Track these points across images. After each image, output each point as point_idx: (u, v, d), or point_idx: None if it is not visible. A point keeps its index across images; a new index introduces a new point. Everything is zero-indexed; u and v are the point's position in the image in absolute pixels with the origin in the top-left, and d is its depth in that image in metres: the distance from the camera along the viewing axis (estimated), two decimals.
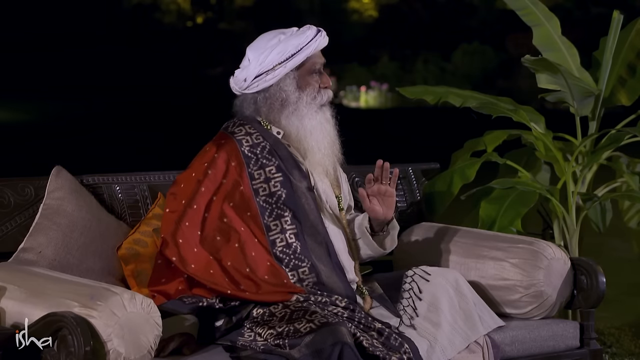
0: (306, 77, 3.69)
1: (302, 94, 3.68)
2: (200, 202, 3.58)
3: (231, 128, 3.73)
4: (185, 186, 3.61)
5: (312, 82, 3.69)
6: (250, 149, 3.67)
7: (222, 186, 3.61)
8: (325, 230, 3.66)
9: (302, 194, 3.66)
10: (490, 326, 3.67)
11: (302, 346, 3.23)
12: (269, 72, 3.65)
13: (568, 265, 3.91)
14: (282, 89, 3.68)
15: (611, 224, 5.07)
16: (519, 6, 4.96)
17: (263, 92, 3.69)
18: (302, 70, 3.68)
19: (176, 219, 3.56)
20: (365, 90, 23.17)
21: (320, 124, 3.68)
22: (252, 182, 3.64)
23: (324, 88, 3.71)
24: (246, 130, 3.70)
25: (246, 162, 3.65)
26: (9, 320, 3.27)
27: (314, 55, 3.69)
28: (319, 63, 3.71)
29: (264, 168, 3.66)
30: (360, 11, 27.74)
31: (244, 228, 3.57)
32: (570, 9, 24.35)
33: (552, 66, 4.63)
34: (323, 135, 3.69)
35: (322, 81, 3.70)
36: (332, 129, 3.72)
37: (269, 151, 3.68)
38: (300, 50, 3.65)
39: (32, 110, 21.01)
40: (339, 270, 3.62)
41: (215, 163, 3.63)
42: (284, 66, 3.65)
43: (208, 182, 3.61)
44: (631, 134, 4.70)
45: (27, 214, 3.69)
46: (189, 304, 3.44)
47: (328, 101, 3.72)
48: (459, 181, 4.56)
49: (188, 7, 28.36)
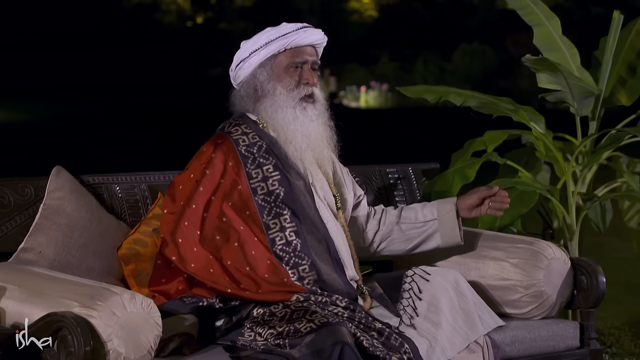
0: (283, 69, 3.68)
1: (278, 84, 3.68)
2: (199, 202, 3.58)
3: (227, 128, 3.73)
4: (184, 187, 3.61)
5: (289, 75, 3.68)
6: (247, 148, 3.67)
7: (221, 186, 3.62)
8: (325, 227, 3.66)
9: (300, 192, 3.66)
10: (490, 326, 3.68)
11: (302, 346, 3.23)
12: (245, 60, 3.69)
13: (568, 265, 3.91)
14: (256, 77, 3.69)
15: (611, 224, 5.07)
16: (520, 5, 4.96)
17: (245, 83, 3.72)
18: (278, 61, 3.68)
19: (175, 218, 3.56)
20: (365, 90, 23.17)
21: (296, 118, 3.66)
22: (250, 181, 3.64)
23: (305, 84, 3.69)
24: (242, 130, 3.71)
25: (243, 162, 3.65)
26: (9, 320, 3.27)
27: (296, 50, 3.68)
28: (301, 58, 3.68)
29: (261, 167, 3.66)
30: (360, 11, 27.74)
31: (243, 227, 3.57)
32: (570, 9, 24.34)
33: (552, 66, 4.63)
34: (299, 131, 3.66)
35: (303, 77, 3.69)
36: (317, 127, 3.69)
37: (265, 150, 3.68)
38: (275, 40, 3.66)
39: (33, 110, 21.00)
40: (338, 267, 3.62)
41: (212, 163, 3.64)
42: (258, 54, 3.67)
43: (206, 181, 3.61)
44: (631, 134, 4.70)
45: (27, 214, 3.69)
46: (189, 303, 3.44)
47: (310, 98, 3.68)
48: (459, 181, 4.56)
49: (188, 7, 28.36)
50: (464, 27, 25.92)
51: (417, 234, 3.90)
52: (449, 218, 3.86)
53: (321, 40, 3.74)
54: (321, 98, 3.73)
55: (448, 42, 24.99)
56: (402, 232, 3.90)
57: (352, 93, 23.23)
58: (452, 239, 3.88)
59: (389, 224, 3.91)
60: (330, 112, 3.77)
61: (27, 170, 4.43)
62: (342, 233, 3.74)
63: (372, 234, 3.92)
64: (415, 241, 3.91)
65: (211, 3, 28.40)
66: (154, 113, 20.43)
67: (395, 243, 3.92)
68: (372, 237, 3.93)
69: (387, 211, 3.95)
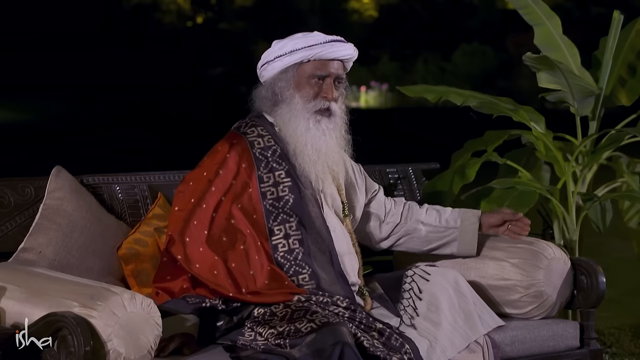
0: (304, 79, 3.67)
1: (297, 94, 3.66)
2: (209, 202, 3.57)
3: (243, 128, 3.72)
4: (195, 185, 3.61)
5: (309, 85, 3.66)
6: (262, 151, 3.66)
7: (232, 187, 3.61)
8: (330, 237, 3.65)
9: (309, 201, 3.65)
10: (490, 326, 3.68)
11: (302, 346, 3.23)
12: (269, 63, 3.68)
13: (568, 265, 3.91)
14: (277, 82, 3.68)
15: (611, 224, 5.07)
16: (521, 5, 4.96)
17: (267, 84, 3.71)
18: (301, 70, 3.67)
19: (185, 217, 3.55)
20: (365, 90, 23.20)
21: (308, 130, 3.64)
22: (260, 185, 3.63)
23: (323, 97, 3.67)
24: (258, 132, 3.69)
25: (256, 165, 3.64)
26: (9, 320, 3.27)
27: (321, 62, 3.66)
28: (324, 72, 3.66)
29: (273, 172, 3.65)
30: (360, 11, 27.73)
31: (249, 230, 3.57)
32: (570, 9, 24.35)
33: (552, 64, 4.63)
34: (309, 143, 3.64)
35: (322, 90, 3.67)
36: (329, 141, 3.66)
37: (279, 155, 3.67)
38: (300, 50, 3.64)
39: (32, 110, 21.01)
40: (341, 278, 3.62)
41: (226, 163, 3.63)
42: (281, 60, 3.65)
43: (219, 182, 3.60)
44: (631, 134, 4.70)
45: (27, 214, 3.69)
46: (192, 303, 3.43)
47: (326, 112, 3.66)
48: (459, 181, 4.56)
49: (188, 7, 28.34)
50: (464, 27, 25.92)
51: (436, 238, 3.93)
52: (471, 230, 3.89)
53: (349, 55, 3.71)
54: (339, 112, 3.70)
55: (448, 42, 25.00)
56: (423, 233, 3.92)
57: (352, 93, 23.20)
58: (468, 251, 3.92)
59: (414, 221, 3.92)
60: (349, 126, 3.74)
61: (27, 170, 4.43)
62: (348, 240, 3.74)
63: (393, 227, 3.93)
64: (433, 244, 3.93)
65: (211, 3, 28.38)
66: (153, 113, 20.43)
67: (415, 241, 3.94)
68: (392, 229, 3.93)
69: (412, 207, 3.96)
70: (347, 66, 3.75)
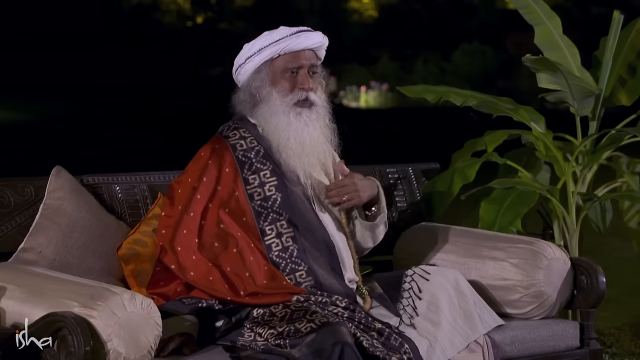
0: (278, 74, 3.66)
1: (273, 90, 3.65)
2: (196, 209, 3.57)
3: (225, 132, 3.72)
4: (182, 191, 3.61)
5: (284, 80, 3.65)
6: (245, 153, 3.66)
7: (217, 193, 3.61)
8: (325, 230, 3.65)
9: (297, 198, 3.65)
10: (490, 325, 3.67)
11: (302, 346, 3.23)
12: (242, 66, 3.69)
13: (568, 265, 3.91)
14: (252, 82, 3.68)
15: (611, 224, 5.07)
16: (521, 4, 4.96)
17: (243, 88, 3.72)
18: (273, 67, 3.66)
19: (173, 225, 3.55)
20: (365, 90, 23.18)
21: (289, 124, 3.63)
22: (246, 187, 3.63)
23: (300, 89, 3.65)
24: (240, 134, 3.69)
25: (240, 167, 3.64)
26: (9, 320, 3.27)
27: (291, 54, 3.65)
28: (296, 63, 3.65)
29: (258, 172, 3.65)
30: (360, 11, 27.74)
31: (240, 233, 3.57)
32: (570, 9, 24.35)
33: (552, 65, 4.63)
34: (292, 137, 3.63)
35: (298, 81, 3.66)
36: (312, 132, 3.65)
37: (263, 155, 3.66)
38: (268, 47, 3.64)
39: (32, 110, 21.01)
40: (336, 272, 3.62)
41: (208, 169, 3.63)
42: (252, 60, 3.66)
43: (202, 188, 3.60)
44: (631, 134, 4.70)
45: (27, 214, 3.69)
46: (189, 304, 3.43)
47: (305, 102, 3.64)
48: (459, 181, 4.56)
49: (188, 7, 28.35)
50: (464, 27, 25.92)
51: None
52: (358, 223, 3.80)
53: (318, 43, 3.70)
54: (319, 101, 3.69)
55: (448, 42, 25.00)
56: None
57: (352, 93, 23.24)
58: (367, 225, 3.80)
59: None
60: (332, 115, 3.75)
61: (27, 170, 4.43)
62: (342, 234, 3.73)
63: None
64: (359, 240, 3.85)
65: (211, 3, 28.39)
66: (153, 113, 20.43)
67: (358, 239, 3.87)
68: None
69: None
70: (319, 55, 3.73)
